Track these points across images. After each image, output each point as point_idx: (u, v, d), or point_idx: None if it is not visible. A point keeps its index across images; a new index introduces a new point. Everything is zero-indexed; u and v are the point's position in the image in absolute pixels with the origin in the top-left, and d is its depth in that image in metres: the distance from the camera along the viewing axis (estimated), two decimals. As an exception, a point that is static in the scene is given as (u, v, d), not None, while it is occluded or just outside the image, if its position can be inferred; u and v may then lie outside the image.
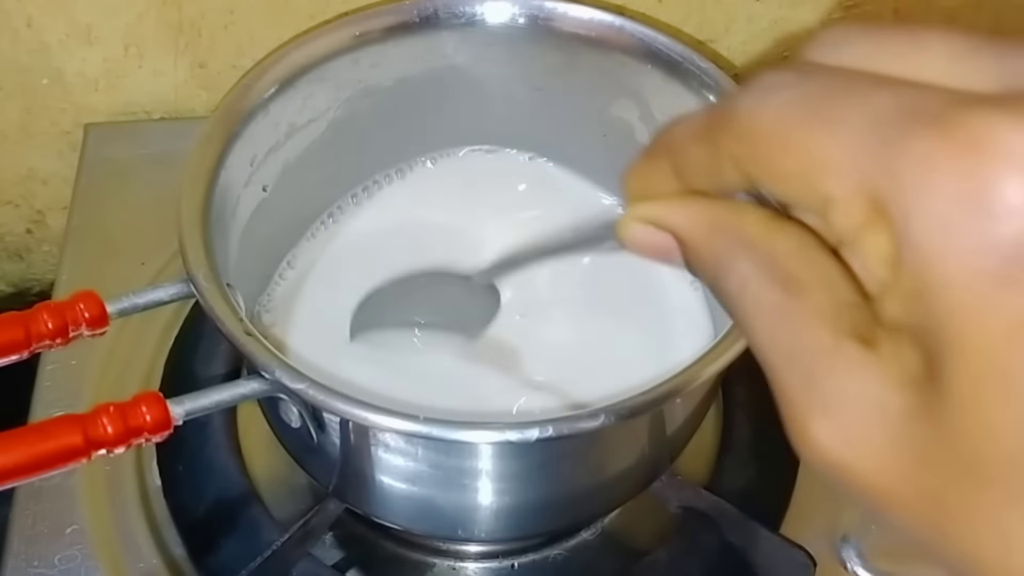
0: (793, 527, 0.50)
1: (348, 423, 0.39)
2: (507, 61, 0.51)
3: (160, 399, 0.36)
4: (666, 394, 0.38)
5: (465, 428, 0.36)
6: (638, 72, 0.49)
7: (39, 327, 0.37)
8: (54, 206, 0.72)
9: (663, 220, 0.24)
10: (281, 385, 0.37)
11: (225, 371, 0.54)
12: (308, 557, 0.48)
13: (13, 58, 0.64)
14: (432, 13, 0.49)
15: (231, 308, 0.39)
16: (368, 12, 0.49)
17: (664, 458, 0.47)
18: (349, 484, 0.44)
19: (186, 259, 0.40)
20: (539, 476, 0.42)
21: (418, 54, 0.50)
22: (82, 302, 0.38)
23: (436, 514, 0.44)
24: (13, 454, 0.34)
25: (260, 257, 0.49)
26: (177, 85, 0.67)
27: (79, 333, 0.38)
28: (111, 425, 0.35)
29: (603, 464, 0.44)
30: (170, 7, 0.62)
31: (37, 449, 0.34)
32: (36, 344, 0.37)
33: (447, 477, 0.41)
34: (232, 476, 0.50)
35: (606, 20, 0.49)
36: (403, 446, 0.39)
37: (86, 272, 0.60)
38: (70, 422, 0.35)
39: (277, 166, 0.49)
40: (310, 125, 0.50)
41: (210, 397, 0.37)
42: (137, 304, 0.40)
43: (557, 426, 0.36)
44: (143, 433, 0.36)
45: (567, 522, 0.49)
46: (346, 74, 0.49)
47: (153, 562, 0.50)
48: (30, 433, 0.35)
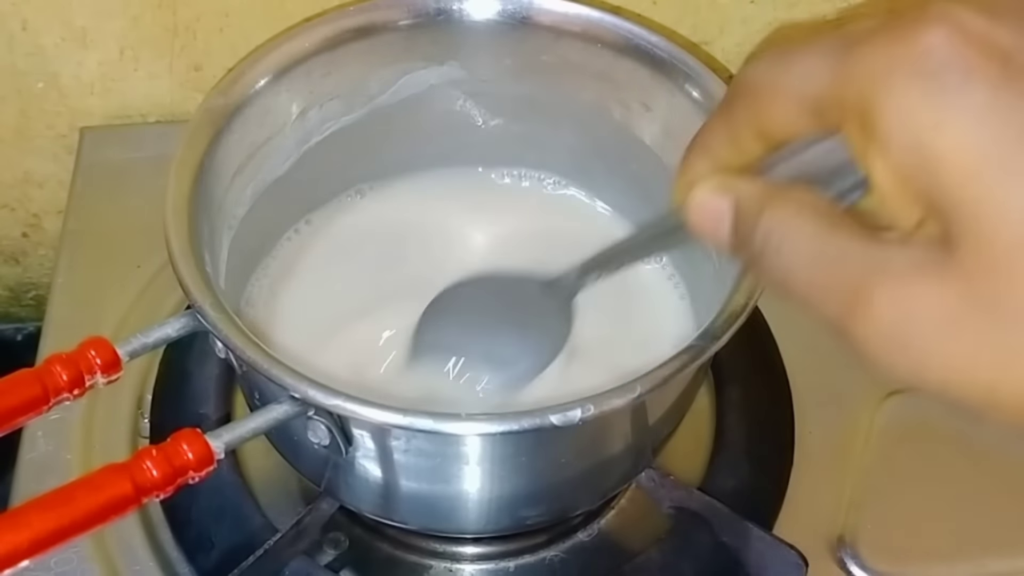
0: (786, 528, 0.50)
1: (385, 431, 0.39)
2: (492, 60, 0.51)
3: (199, 435, 0.36)
4: (687, 361, 0.38)
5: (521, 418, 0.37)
6: (629, 71, 0.49)
7: (55, 381, 0.37)
8: (50, 210, 0.72)
9: (726, 185, 0.28)
10: (313, 403, 0.37)
11: (217, 389, 0.54)
12: (301, 557, 0.48)
13: (8, 62, 0.64)
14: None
15: (246, 335, 0.39)
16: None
17: (647, 448, 0.47)
18: (367, 491, 0.44)
19: (188, 293, 0.40)
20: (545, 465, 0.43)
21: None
22: (92, 349, 0.37)
23: (449, 509, 0.45)
24: (66, 512, 0.33)
25: (243, 257, 0.49)
26: (172, 88, 0.67)
27: (94, 381, 0.38)
28: (156, 468, 0.35)
29: (590, 453, 0.44)
30: (165, 10, 0.62)
31: (91, 503, 0.34)
32: (55, 399, 0.37)
33: (461, 471, 0.42)
34: (226, 476, 0.50)
35: (596, 18, 0.49)
36: (428, 445, 0.40)
37: (82, 276, 0.61)
38: (116, 472, 0.34)
39: (259, 179, 0.49)
40: (288, 133, 0.50)
41: (246, 426, 0.37)
42: (147, 344, 0.39)
43: (597, 403, 0.37)
44: (188, 471, 0.35)
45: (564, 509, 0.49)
46: (314, 82, 0.49)
47: (149, 564, 0.50)
48: (79, 488, 0.34)
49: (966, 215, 0.21)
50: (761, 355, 0.55)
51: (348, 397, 0.37)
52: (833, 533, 0.51)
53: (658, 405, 0.45)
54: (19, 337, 0.79)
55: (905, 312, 0.22)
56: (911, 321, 0.22)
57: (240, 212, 0.48)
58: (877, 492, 0.53)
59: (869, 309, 0.23)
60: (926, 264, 0.22)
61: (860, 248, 0.24)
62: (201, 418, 0.53)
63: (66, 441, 0.54)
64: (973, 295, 0.22)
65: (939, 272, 0.22)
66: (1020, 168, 0.21)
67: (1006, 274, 0.21)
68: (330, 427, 0.39)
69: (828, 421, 0.55)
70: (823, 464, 0.53)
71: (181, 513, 0.51)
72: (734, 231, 0.27)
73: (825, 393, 0.56)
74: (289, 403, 0.38)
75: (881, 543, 0.51)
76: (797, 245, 0.25)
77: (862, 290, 0.23)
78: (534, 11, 0.49)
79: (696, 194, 0.29)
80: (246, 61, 0.47)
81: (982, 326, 0.21)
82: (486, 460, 0.41)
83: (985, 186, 0.21)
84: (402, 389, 0.45)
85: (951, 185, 0.22)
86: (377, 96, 0.51)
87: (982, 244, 0.21)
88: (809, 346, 0.56)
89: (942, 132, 0.21)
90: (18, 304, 0.79)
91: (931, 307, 0.22)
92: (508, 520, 0.46)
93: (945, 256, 0.22)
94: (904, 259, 0.23)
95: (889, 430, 0.55)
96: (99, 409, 0.55)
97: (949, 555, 0.51)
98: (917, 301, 0.22)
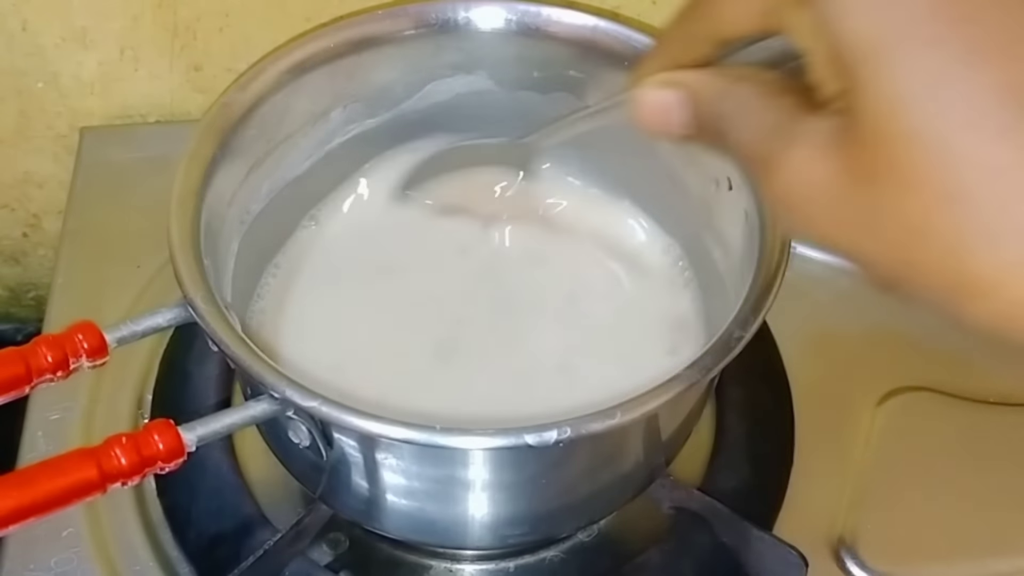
0: (786, 528, 0.50)
1: (365, 438, 0.39)
2: (496, 65, 0.51)
3: (171, 426, 0.36)
4: (686, 383, 0.38)
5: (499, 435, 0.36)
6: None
7: (39, 361, 0.37)
8: (50, 210, 0.72)
9: (675, 79, 0.31)
10: (291, 404, 0.37)
11: (217, 388, 0.54)
12: (301, 557, 0.48)
13: (9, 62, 0.64)
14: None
15: (233, 330, 0.39)
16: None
17: (660, 462, 0.47)
18: (352, 498, 0.44)
19: (181, 283, 0.39)
20: (546, 481, 0.43)
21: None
22: (80, 333, 0.37)
23: (442, 522, 0.45)
24: (28, 492, 0.34)
25: (249, 262, 0.49)
26: (172, 88, 0.67)
27: (79, 365, 0.37)
28: (125, 456, 0.35)
29: (599, 469, 0.44)
30: (165, 10, 0.62)
31: (52, 485, 0.34)
32: (37, 379, 0.37)
33: (454, 486, 0.42)
34: (226, 477, 0.51)
35: (592, 23, 0.49)
36: (410, 457, 0.40)
37: (82, 276, 0.61)
38: (83, 456, 0.34)
39: (277, 176, 0.49)
40: (296, 137, 0.49)
41: (221, 421, 0.37)
42: (136, 332, 0.39)
43: (575, 426, 0.36)
44: (157, 462, 0.35)
45: (564, 528, 0.49)
46: (334, 83, 0.49)
47: (149, 565, 0.50)
48: (43, 470, 0.34)
49: (859, 91, 0.24)
50: (761, 356, 0.55)
51: (325, 400, 0.37)
52: (833, 533, 0.51)
53: (670, 421, 0.44)
54: (19, 337, 0.80)
55: (796, 177, 0.26)
56: (800, 185, 0.26)
57: (255, 208, 0.48)
58: (877, 492, 0.53)
59: (776, 173, 0.26)
60: (827, 133, 0.25)
61: (788, 119, 0.27)
62: (199, 417, 0.53)
63: (66, 441, 0.53)
64: (853, 164, 0.24)
65: (833, 143, 0.25)
66: (906, 52, 0.23)
67: (883, 150, 0.23)
68: (310, 429, 0.39)
69: (828, 421, 0.55)
70: (823, 464, 0.53)
71: (181, 513, 0.51)
72: (694, 118, 0.30)
73: (825, 393, 0.56)
74: (268, 401, 0.37)
75: (881, 543, 0.51)
76: (748, 121, 0.28)
77: (773, 155, 0.26)
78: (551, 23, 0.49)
79: (642, 90, 0.32)
80: (268, 58, 0.46)
81: (854, 193, 0.24)
82: (469, 476, 0.41)
83: (875, 66, 0.23)
84: (419, 392, 0.46)
85: (853, 62, 0.24)
86: (402, 101, 0.51)
87: (867, 118, 0.24)
88: (809, 346, 0.56)
89: (850, 12, 0.24)
90: (18, 304, 0.79)
91: (817, 172, 0.25)
92: (495, 539, 0.46)
93: (844, 127, 0.25)
94: (813, 129, 0.26)
95: (889, 430, 0.55)
96: (99, 409, 0.55)
97: (949, 555, 0.51)
98: (808, 166, 0.25)
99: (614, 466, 0.44)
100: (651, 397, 0.37)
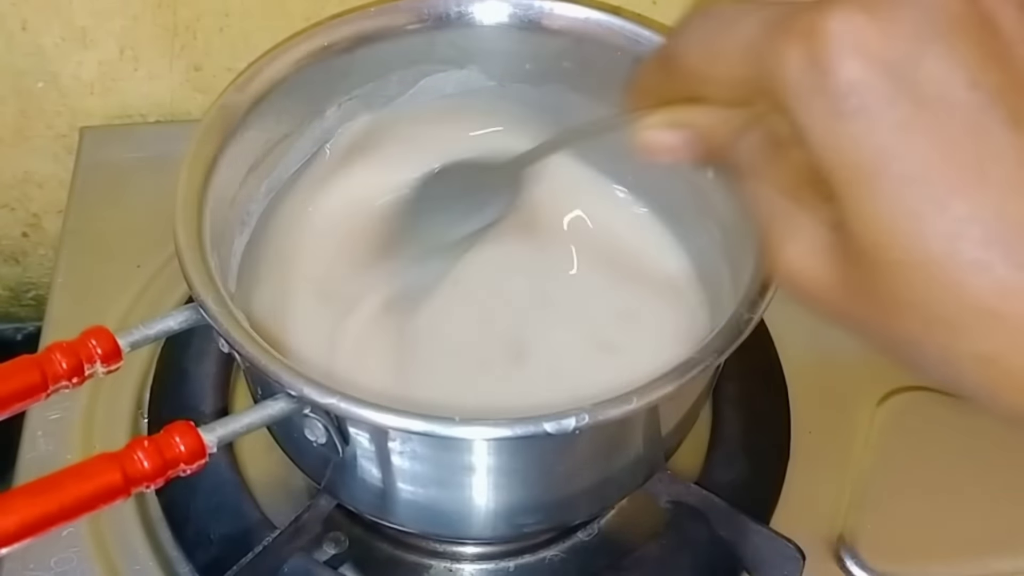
0: (783, 521, 0.50)
1: (382, 432, 0.39)
2: (498, 60, 0.51)
3: (192, 428, 0.36)
4: (694, 370, 0.38)
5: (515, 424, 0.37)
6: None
7: (55, 368, 0.36)
8: (50, 209, 0.72)
9: (679, 120, 0.32)
10: (309, 401, 0.37)
11: (215, 386, 0.54)
12: (300, 554, 0.48)
13: (8, 61, 0.64)
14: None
15: (245, 331, 0.39)
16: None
17: (659, 455, 0.47)
18: (365, 491, 0.44)
19: (192, 286, 0.39)
20: (551, 472, 0.43)
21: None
22: (94, 338, 0.37)
23: (450, 513, 0.45)
24: (55, 498, 0.34)
25: (250, 259, 0.49)
26: (172, 88, 0.67)
27: (94, 371, 0.37)
28: (147, 459, 0.35)
29: (602, 460, 0.44)
30: (165, 10, 0.63)
31: (78, 491, 0.34)
32: (53, 386, 0.37)
33: (470, 475, 0.42)
34: (225, 475, 0.51)
35: (597, 18, 0.49)
36: (426, 449, 0.40)
37: (82, 275, 0.61)
38: (107, 461, 0.34)
39: (275, 176, 0.49)
40: (293, 136, 0.49)
41: (240, 421, 0.37)
42: (148, 335, 0.39)
43: (592, 413, 0.37)
44: (179, 464, 0.35)
45: (564, 520, 0.49)
46: (330, 81, 0.49)
47: (149, 564, 0.50)
48: (68, 476, 0.34)
49: (848, 215, 0.26)
50: (757, 351, 0.55)
51: (343, 396, 0.37)
52: (833, 532, 0.51)
53: (672, 413, 0.45)
54: (19, 337, 0.80)
55: (796, 265, 0.29)
56: (799, 273, 0.29)
57: (255, 208, 0.48)
58: (877, 492, 0.53)
59: (780, 257, 0.29)
60: (825, 240, 0.28)
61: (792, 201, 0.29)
62: (199, 416, 0.53)
63: (66, 441, 0.54)
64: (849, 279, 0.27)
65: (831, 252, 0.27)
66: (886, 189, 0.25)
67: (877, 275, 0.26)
68: (327, 425, 0.39)
69: (827, 421, 0.55)
70: (823, 464, 0.53)
71: (180, 511, 0.51)
72: (706, 152, 0.32)
73: (825, 393, 0.56)
74: (285, 400, 0.38)
75: (881, 542, 0.51)
76: (754, 181, 0.30)
77: (774, 235, 0.29)
78: (547, 15, 0.49)
79: (644, 133, 0.33)
80: (265, 58, 0.47)
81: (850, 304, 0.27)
82: (486, 466, 0.41)
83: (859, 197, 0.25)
84: (417, 386, 0.46)
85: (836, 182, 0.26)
86: (396, 97, 0.51)
87: (861, 243, 0.26)
88: (808, 347, 0.56)
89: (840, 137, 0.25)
90: (18, 304, 0.79)
91: (816, 271, 0.28)
92: (507, 528, 0.46)
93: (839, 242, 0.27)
94: (812, 232, 0.28)
95: (889, 430, 0.55)
96: (99, 409, 0.55)
97: (949, 555, 0.51)
98: (807, 262, 0.28)
99: (621, 455, 0.45)
100: (664, 382, 0.38)
